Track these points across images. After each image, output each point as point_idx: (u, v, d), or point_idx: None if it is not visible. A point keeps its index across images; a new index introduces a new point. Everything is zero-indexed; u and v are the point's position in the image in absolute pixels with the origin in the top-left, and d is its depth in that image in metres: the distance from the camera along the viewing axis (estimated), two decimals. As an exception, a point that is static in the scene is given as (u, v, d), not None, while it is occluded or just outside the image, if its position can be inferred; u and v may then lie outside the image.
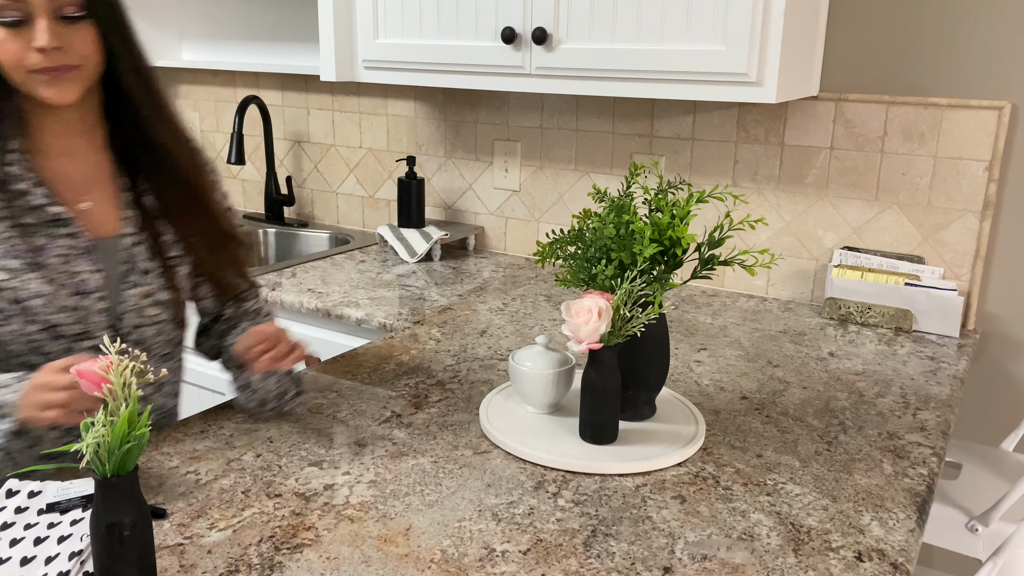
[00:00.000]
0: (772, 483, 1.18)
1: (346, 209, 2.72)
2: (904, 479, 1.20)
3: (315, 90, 2.68)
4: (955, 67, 1.79)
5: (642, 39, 1.72)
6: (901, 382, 1.55)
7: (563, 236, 1.30)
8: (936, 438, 1.33)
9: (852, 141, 1.91)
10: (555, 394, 1.32)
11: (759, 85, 1.63)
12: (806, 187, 1.98)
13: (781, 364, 1.63)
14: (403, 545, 1.02)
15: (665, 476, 1.19)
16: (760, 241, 2.06)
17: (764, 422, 1.37)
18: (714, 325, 1.84)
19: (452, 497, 1.12)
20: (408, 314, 1.87)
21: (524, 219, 2.39)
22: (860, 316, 1.86)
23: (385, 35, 2.06)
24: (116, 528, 0.84)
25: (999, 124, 1.76)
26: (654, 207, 1.26)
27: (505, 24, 1.86)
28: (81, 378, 0.93)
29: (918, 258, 1.88)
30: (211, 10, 2.84)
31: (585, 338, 1.16)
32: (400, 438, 1.28)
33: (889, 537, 1.05)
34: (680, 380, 1.53)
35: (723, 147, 2.06)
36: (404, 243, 2.33)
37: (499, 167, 2.39)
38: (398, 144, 2.56)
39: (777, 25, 1.59)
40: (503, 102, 2.34)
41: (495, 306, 1.94)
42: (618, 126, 2.18)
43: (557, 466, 1.20)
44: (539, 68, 1.85)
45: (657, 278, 1.23)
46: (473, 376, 1.53)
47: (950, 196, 1.84)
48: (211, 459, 1.21)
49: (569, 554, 1.01)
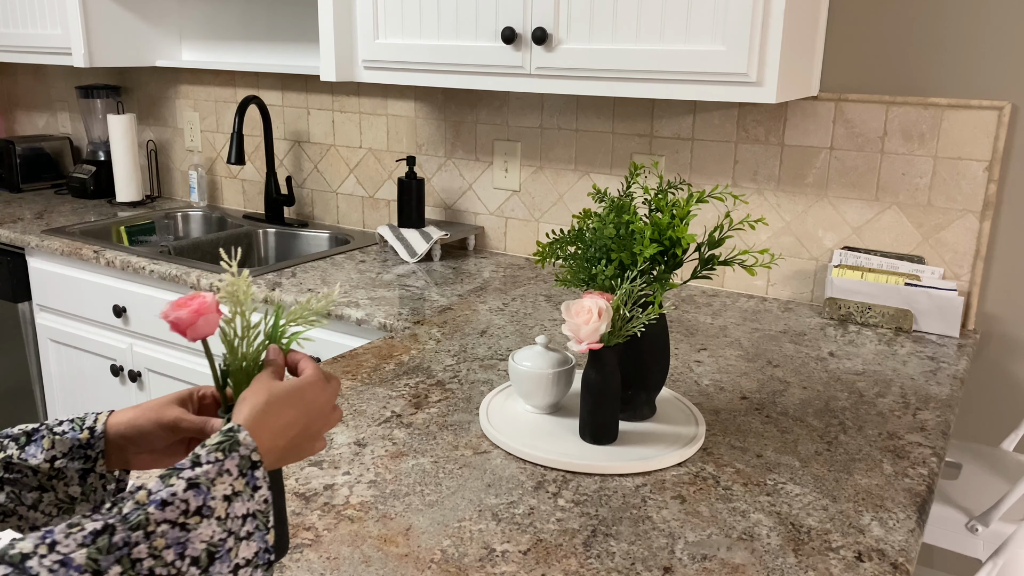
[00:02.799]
0: (772, 483, 1.18)
1: (346, 209, 2.72)
2: (904, 479, 1.20)
3: (315, 90, 2.68)
4: (955, 67, 1.79)
5: (642, 39, 1.72)
6: (901, 382, 1.55)
7: (563, 236, 1.30)
8: (936, 438, 1.33)
9: (852, 141, 1.91)
10: (555, 394, 1.32)
11: (759, 85, 1.63)
12: (806, 187, 1.98)
13: (781, 364, 1.63)
14: (403, 545, 1.02)
15: (665, 476, 1.19)
16: (760, 241, 2.06)
17: (764, 422, 1.37)
18: (714, 325, 1.84)
19: (452, 497, 1.12)
20: (408, 314, 1.87)
21: (524, 219, 2.38)
22: (860, 316, 1.86)
23: (385, 35, 2.06)
24: None
25: (999, 124, 1.76)
26: (654, 207, 1.26)
27: (505, 24, 1.86)
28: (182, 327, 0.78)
29: (918, 258, 1.88)
30: (211, 10, 2.84)
31: (585, 338, 1.16)
32: (400, 438, 1.28)
33: (889, 537, 1.05)
34: (680, 380, 1.53)
35: (723, 147, 2.06)
36: (404, 243, 2.33)
37: (499, 167, 2.39)
38: (398, 144, 2.56)
39: (777, 25, 1.59)
40: (503, 102, 2.34)
41: (495, 306, 1.94)
42: (618, 126, 2.18)
43: (557, 466, 1.20)
44: (539, 68, 1.85)
45: (657, 278, 1.23)
46: (473, 376, 1.53)
47: (950, 196, 1.84)
48: (211, 459, 1.21)
49: (569, 554, 1.01)
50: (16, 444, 0.79)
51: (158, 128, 3.13)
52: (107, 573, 0.60)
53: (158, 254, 2.32)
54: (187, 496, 0.66)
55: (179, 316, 0.77)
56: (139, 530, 0.62)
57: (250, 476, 0.70)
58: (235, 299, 0.80)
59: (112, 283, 2.35)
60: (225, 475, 0.68)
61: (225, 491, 0.68)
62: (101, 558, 0.60)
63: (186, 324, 0.77)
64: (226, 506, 0.67)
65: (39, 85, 3.47)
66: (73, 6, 2.63)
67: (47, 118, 3.49)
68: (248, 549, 0.68)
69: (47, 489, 0.80)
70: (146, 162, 3.15)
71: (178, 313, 0.77)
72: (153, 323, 2.29)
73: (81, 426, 0.82)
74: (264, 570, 0.70)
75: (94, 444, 0.82)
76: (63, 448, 0.80)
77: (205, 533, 0.66)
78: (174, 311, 0.77)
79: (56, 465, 0.80)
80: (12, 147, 3.16)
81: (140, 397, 2.39)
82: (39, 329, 2.60)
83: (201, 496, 0.66)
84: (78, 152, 3.40)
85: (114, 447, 0.83)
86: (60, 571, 0.58)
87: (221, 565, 0.66)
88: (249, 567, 0.68)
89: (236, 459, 0.70)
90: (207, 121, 2.97)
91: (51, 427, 0.81)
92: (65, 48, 2.72)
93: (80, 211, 2.88)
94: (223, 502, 0.67)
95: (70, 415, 2.62)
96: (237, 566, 0.67)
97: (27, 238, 2.51)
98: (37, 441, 0.80)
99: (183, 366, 2.25)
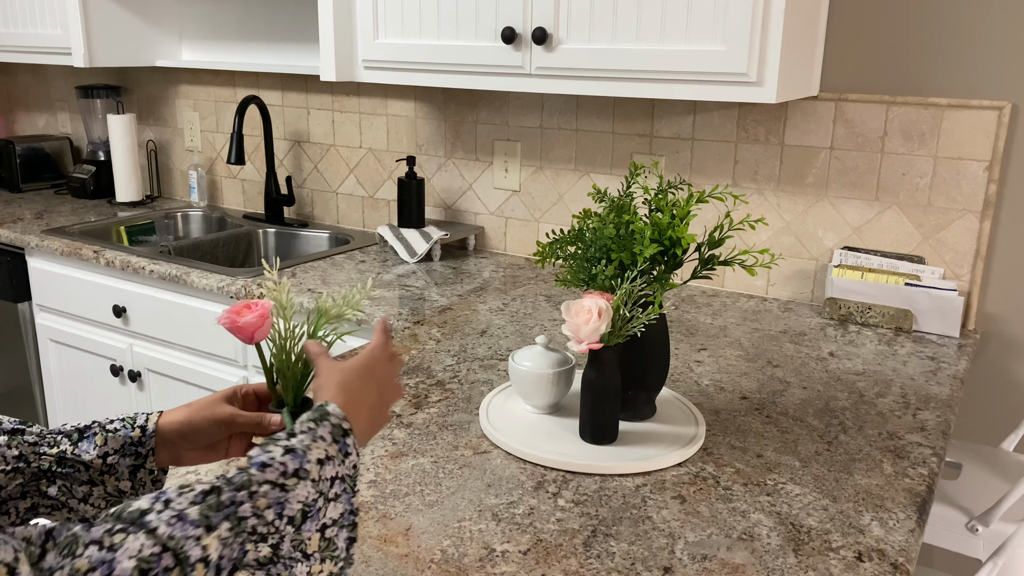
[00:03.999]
0: (772, 483, 1.18)
1: (346, 209, 2.72)
2: (904, 479, 1.20)
3: (315, 90, 2.68)
4: (955, 67, 1.79)
5: (642, 39, 1.72)
6: (901, 382, 1.55)
7: (563, 236, 1.30)
8: (936, 438, 1.33)
9: (852, 141, 1.91)
10: (555, 394, 1.32)
11: (759, 85, 1.63)
12: (806, 187, 1.98)
13: (781, 364, 1.63)
14: (403, 545, 1.02)
15: (665, 476, 1.19)
16: (760, 241, 2.06)
17: (764, 422, 1.37)
18: (714, 325, 1.84)
19: (452, 497, 1.12)
20: (408, 314, 1.86)
21: (524, 219, 2.38)
22: (860, 316, 1.86)
23: (385, 35, 2.06)
24: None
25: (999, 124, 1.76)
26: (654, 207, 1.26)
27: (505, 24, 1.86)
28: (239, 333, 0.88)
29: (918, 258, 1.88)
30: (211, 10, 2.84)
31: (585, 338, 1.16)
32: (400, 438, 1.28)
33: (889, 537, 1.05)
34: (680, 380, 1.53)
35: (723, 147, 2.06)
36: (404, 243, 2.33)
37: (499, 167, 2.39)
38: (398, 144, 2.56)
39: (777, 25, 1.59)
40: (503, 102, 2.34)
41: (495, 306, 1.94)
42: (618, 126, 2.18)
43: (557, 466, 1.20)
44: (539, 68, 1.85)
45: (657, 278, 1.23)
46: (473, 376, 1.53)
47: (950, 196, 1.84)
48: (211, 459, 1.21)
49: (569, 554, 1.01)
50: (69, 440, 0.83)
51: (158, 128, 3.13)
52: (218, 528, 0.64)
53: (158, 254, 2.32)
54: (285, 459, 0.70)
55: (247, 321, 0.87)
56: (243, 490, 0.67)
57: (342, 443, 0.75)
58: (280, 304, 0.91)
59: (112, 283, 2.35)
60: (320, 441, 0.73)
61: (319, 455, 0.72)
62: (212, 514, 0.64)
63: (253, 328, 0.87)
64: (319, 469, 0.72)
65: (39, 85, 3.47)
66: (73, 6, 2.63)
67: (47, 118, 3.49)
68: (335, 510, 0.72)
69: (97, 483, 0.84)
70: (146, 162, 3.15)
71: (246, 319, 0.87)
72: (153, 323, 2.29)
73: (132, 424, 0.87)
74: (349, 530, 0.73)
75: (145, 442, 0.86)
76: (115, 444, 0.85)
77: (301, 494, 0.69)
78: (239, 317, 0.87)
79: (108, 461, 0.84)
80: (12, 147, 3.16)
81: (140, 397, 2.39)
82: (39, 329, 2.60)
83: (298, 460, 0.71)
84: (78, 152, 3.40)
85: (166, 444, 0.88)
86: (177, 524, 0.62)
87: (311, 523, 0.70)
88: (335, 527, 0.72)
89: (328, 427, 0.75)
90: (207, 121, 2.97)
91: (103, 425, 0.86)
92: (65, 48, 2.72)
93: (80, 211, 2.88)
94: (316, 465, 0.72)
95: (70, 415, 2.63)
96: (324, 525, 0.71)
97: (27, 238, 2.51)
98: (90, 438, 0.84)
99: (183, 366, 2.25)
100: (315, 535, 0.70)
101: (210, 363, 2.21)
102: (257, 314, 0.87)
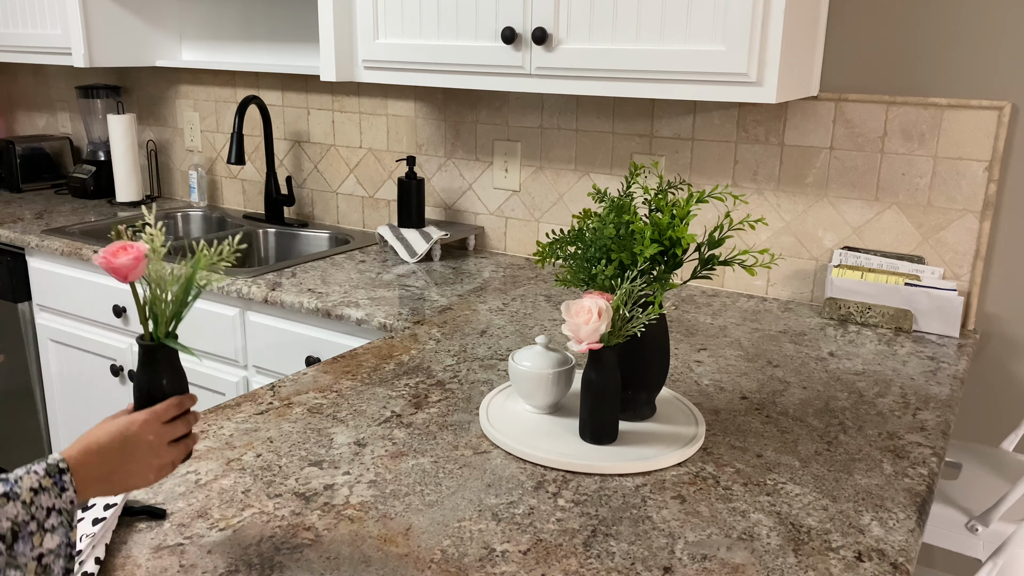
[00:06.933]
0: (772, 483, 1.18)
1: (346, 209, 2.72)
2: (904, 479, 1.20)
3: (315, 90, 2.68)
4: (955, 67, 1.79)
5: (642, 39, 1.72)
6: (901, 382, 1.55)
7: (563, 236, 1.30)
8: (936, 438, 1.33)
9: (852, 141, 1.91)
10: (555, 394, 1.32)
11: (759, 85, 1.63)
12: (806, 187, 1.98)
13: (781, 364, 1.63)
14: (403, 545, 1.02)
15: (665, 476, 1.19)
16: (760, 241, 2.06)
17: (764, 422, 1.37)
18: (714, 325, 1.85)
19: (452, 497, 1.12)
20: (408, 314, 1.87)
21: (524, 219, 2.39)
22: (860, 316, 1.86)
23: (385, 35, 2.06)
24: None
25: (999, 124, 1.76)
26: (654, 207, 1.26)
27: (505, 24, 1.86)
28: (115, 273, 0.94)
29: (918, 258, 1.88)
30: (211, 10, 2.84)
31: (585, 338, 1.16)
32: (400, 438, 1.28)
33: (889, 537, 1.05)
34: (680, 380, 1.53)
35: (723, 147, 2.06)
36: (404, 243, 2.33)
37: (499, 167, 2.39)
38: (398, 144, 2.56)
39: (777, 25, 1.59)
40: (503, 102, 2.34)
41: (495, 306, 1.94)
42: (618, 126, 2.18)
43: (557, 466, 1.20)
44: (539, 68, 1.85)
45: (657, 278, 1.23)
46: (473, 376, 1.53)
47: (950, 196, 1.84)
48: (211, 459, 1.21)
49: (569, 554, 1.01)
50: None
51: (158, 128, 3.13)
52: None
53: (158, 254, 2.32)
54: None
55: (122, 262, 0.92)
56: None
57: (57, 478, 0.81)
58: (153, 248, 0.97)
59: (112, 283, 2.35)
60: (33, 474, 0.80)
61: (32, 484, 0.79)
62: None
63: (128, 269, 0.93)
64: (32, 495, 0.78)
65: (39, 85, 3.47)
66: (73, 6, 2.63)
67: (47, 118, 3.49)
68: (52, 540, 0.79)
69: None
70: (146, 162, 3.15)
71: (120, 260, 0.92)
72: (153, 323, 2.29)
73: None
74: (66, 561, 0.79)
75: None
76: None
77: (10, 512, 0.76)
78: (115, 257, 0.92)
79: None
80: (12, 147, 3.16)
81: (140, 397, 2.39)
82: (39, 329, 2.60)
83: (8, 485, 0.77)
84: (78, 152, 3.40)
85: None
86: None
87: (24, 546, 0.76)
88: (52, 556, 0.78)
89: (43, 464, 0.82)
90: (207, 121, 2.97)
91: None
92: (65, 48, 2.72)
93: (80, 211, 2.88)
94: (29, 492, 0.78)
95: (70, 415, 2.62)
96: (41, 555, 0.77)
97: (27, 238, 2.51)
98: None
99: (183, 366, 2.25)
100: (32, 563, 0.75)
101: (210, 363, 2.21)
102: (132, 256, 0.93)
